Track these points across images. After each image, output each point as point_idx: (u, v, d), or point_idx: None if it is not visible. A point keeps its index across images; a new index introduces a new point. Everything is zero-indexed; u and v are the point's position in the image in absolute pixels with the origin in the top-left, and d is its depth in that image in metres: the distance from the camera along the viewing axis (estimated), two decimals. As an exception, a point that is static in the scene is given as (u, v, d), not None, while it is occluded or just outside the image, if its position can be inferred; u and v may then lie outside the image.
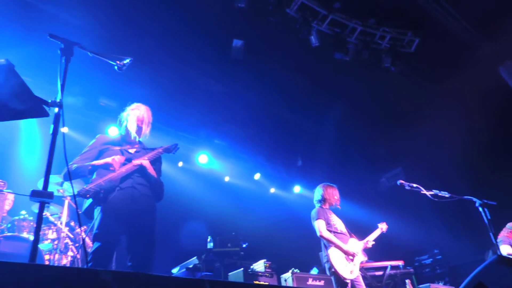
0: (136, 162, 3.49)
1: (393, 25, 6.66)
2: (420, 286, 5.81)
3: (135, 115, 3.68)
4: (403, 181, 4.41)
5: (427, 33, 6.67)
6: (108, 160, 3.42)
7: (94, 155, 3.55)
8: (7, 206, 5.08)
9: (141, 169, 3.50)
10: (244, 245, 7.24)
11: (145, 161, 3.51)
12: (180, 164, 8.34)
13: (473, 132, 7.10)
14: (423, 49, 6.84)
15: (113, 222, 3.25)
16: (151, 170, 3.55)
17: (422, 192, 4.28)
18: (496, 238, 3.87)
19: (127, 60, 2.74)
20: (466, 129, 7.16)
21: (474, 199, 4.04)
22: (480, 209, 3.98)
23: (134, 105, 3.81)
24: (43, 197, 1.91)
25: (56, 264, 4.76)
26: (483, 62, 6.87)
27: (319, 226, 4.64)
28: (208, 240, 7.04)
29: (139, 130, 3.68)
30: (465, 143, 7.25)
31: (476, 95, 6.72)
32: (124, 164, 3.47)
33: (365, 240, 4.90)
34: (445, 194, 4.22)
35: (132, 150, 3.64)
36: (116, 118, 3.89)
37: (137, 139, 3.73)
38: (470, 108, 6.94)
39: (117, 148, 3.58)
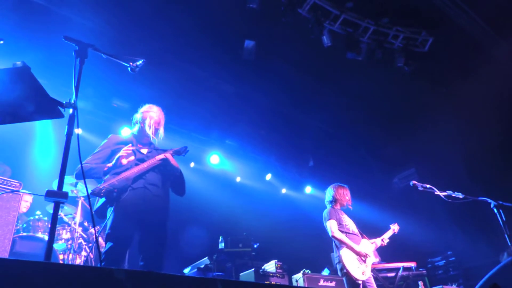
0: (159, 156, 3.55)
1: (407, 24, 6.60)
2: (433, 288, 5.75)
3: (151, 118, 3.74)
4: (416, 182, 4.36)
5: (441, 32, 6.59)
6: (118, 154, 3.47)
7: (107, 155, 3.59)
8: (24, 209, 5.17)
9: (164, 163, 3.55)
10: (255, 246, 7.24)
11: (168, 154, 3.57)
12: (192, 164, 8.39)
13: (487, 133, 6.99)
14: (436, 48, 6.77)
15: (125, 222, 3.28)
16: (174, 162, 3.62)
17: (435, 193, 4.22)
18: (511, 240, 3.80)
19: (140, 62, 2.76)
20: (480, 130, 7.06)
21: (489, 200, 3.98)
22: (495, 210, 3.92)
23: (147, 106, 3.86)
24: (58, 197, 1.93)
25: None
26: (498, 61, 6.76)
27: (331, 227, 4.62)
28: (220, 240, 7.06)
29: (156, 132, 3.74)
30: (479, 144, 7.15)
31: (490, 95, 6.62)
32: (136, 164, 3.51)
33: (377, 240, 4.88)
34: (459, 195, 4.16)
35: (144, 151, 3.68)
36: (129, 119, 3.94)
37: (155, 141, 3.79)
38: (484, 108, 6.83)
39: (130, 148, 3.63)
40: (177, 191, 3.76)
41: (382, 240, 4.90)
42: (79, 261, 5.02)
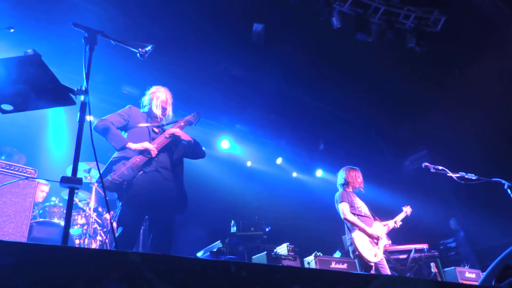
0: (168, 132, 3.58)
1: (418, 3, 6.45)
2: (445, 269, 5.75)
3: (158, 98, 3.78)
4: (428, 164, 4.33)
5: (454, 12, 6.42)
6: (145, 146, 3.48)
7: (123, 125, 3.65)
8: (40, 199, 5.27)
9: (174, 139, 3.58)
10: (267, 229, 7.29)
11: (174, 129, 3.60)
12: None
13: (500, 114, 6.88)
14: (449, 28, 6.61)
15: (135, 206, 3.33)
16: (184, 135, 3.65)
17: (448, 174, 4.19)
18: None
19: (149, 47, 2.76)
20: (493, 111, 6.95)
21: (503, 181, 3.94)
22: (509, 191, 3.88)
23: (154, 88, 3.90)
24: (72, 183, 1.96)
25: (86, 248, 4.91)
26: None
27: (343, 209, 4.63)
28: (231, 224, 7.12)
29: (163, 111, 3.78)
30: (492, 125, 7.05)
31: (503, 75, 6.48)
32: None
33: (390, 222, 4.88)
34: (472, 176, 4.12)
35: (156, 130, 3.73)
36: (139, 105, 3.97)
37: (163, 121, 3.81)
38: (498, 90, 6.71)
39: (144, 125, 3.67)
40: (197, 156, 3.85)
41: (395, 222, 4.90)
42: (94, 245, 5.12)
